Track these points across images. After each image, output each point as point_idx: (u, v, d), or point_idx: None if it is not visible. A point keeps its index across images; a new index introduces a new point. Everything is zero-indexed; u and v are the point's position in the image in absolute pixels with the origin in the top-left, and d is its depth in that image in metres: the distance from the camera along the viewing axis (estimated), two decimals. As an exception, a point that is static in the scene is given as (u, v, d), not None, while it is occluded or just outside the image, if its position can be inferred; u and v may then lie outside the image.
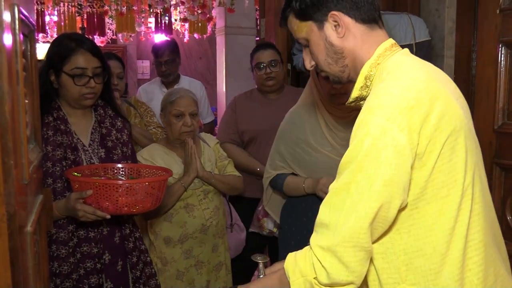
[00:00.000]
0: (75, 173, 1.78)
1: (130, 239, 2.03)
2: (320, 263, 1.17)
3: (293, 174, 2.26)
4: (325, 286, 1.19)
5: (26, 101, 1.23)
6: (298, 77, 3.54)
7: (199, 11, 6.09)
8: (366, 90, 1.30)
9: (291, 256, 1.28)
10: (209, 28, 6.60)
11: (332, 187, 1.22)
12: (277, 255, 2.46)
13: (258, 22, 4.86)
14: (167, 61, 3.63)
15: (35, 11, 5.37)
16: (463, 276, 1.20)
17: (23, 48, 1.23)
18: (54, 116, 1.91)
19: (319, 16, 1.29)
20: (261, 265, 1.57)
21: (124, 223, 2.02)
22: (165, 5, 6.01)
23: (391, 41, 1.31)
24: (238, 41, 5.86)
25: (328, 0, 1.27)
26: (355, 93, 1.32)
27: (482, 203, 1.24)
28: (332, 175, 2.13)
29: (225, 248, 2.58)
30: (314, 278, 1.20)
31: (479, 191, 1.23)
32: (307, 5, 1.29)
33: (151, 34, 7.57)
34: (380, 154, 1.12)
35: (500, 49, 2.35)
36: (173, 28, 6.98)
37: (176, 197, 2.38)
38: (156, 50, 3.71)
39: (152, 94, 3.74)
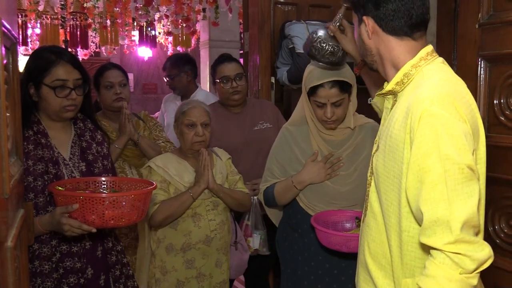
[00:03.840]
0: (59, 187, 1.75)
1: (113, 252, 2.01)
2: (459, 254, 1.22)
3: None
4: (473, 272, 1.23)
5: (8, 114, 1.22)
6: (281, 90, 3.56)
7: (183, 25, 6.11)
8: (401, 86, 1.43)
9: (423, 281, 1.27)
10: (193, 42, 6.62)
11: (420, 181, 1.27)
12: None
13: (242, 35, 4.88)
14: (169, 75, 3.86)
15: (18, 23, 5.33)
16: None
17: (5, 61, 1.22)
18: (34, 130, 1.88)
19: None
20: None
21: (106, 236, 1.99)
22: (149, 19, 6.02)
23: (429, 48, 1.45)
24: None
25: (367, 8, 1.43)
26: (389, 86, 1.45)
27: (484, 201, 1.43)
28: (320, 196, 2.16)
29: (228, 267, 2.54)
30: (460, 273, 1.23)
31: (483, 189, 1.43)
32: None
33: (134, 47, 7.56)
34: (458, 141, 1.24)
35: (479, 62, 2.39)
36: (157, 41, 7.00)
37: (185, 207, 2.35)
38: (164, 63, 3.99)
39: (168, 106, 3.92)
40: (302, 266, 2.22)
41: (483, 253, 1.22)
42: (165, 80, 3.94)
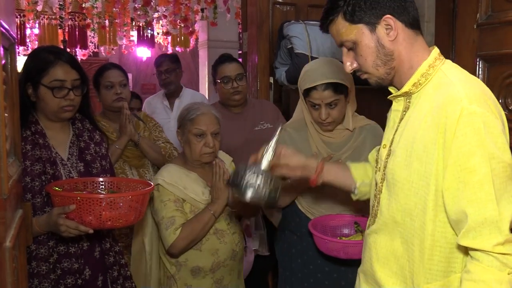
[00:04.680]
0: (56, 188, 1.75)
1: (110, 253, 2.00)
2: (507, 255, 1.19)
3: None
4: None
5: (6, 114, 1.22)
6: (280, 90, 3.56)
7: (182, 25, 6.10)
8: (417, 87, 1.37)
9: (469, 285, 1.23)
10: (191, 42, 6.62)
11: (462, 182, 1.23)
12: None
13: (241, 35, 4.89)
14: (167, 69, 3.90)
15: (16, 23, 5.32)
16: None
17: (3, 61, 1.22)
18: (32, 130, 1.88)
19: (372, 19, 1.33)
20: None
21: (104, 237, 1.99)
22: (148, 19, 6.01)
23: (437, 49, 1.40)
24: (220, 54, 5.88)
25: (382, 4, 1.33)
26: (406, 88, 1.38)
27: None
28: (320, 199, 2.15)
29: (242, 273, 2.45)
30: (508, 274, 1.20)
31: None
32: (360, 8, 1.33)
33: (133, 47, 7.55)
34: (498, 138, 1.23)
35: (477, 63, 2.39)
36: (156, 41, 6.99)
37: (208, 229, 2.15)
38: (157, 60, 3.99)
39: (154, 107, 3.90)
40: (301, 269, 2.21)
41: None
42: (161, 75, 3.94)
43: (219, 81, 2.91)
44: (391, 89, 1.47)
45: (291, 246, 2.26)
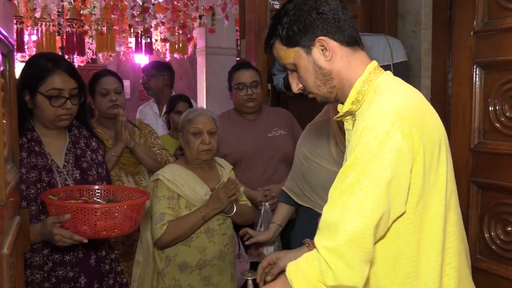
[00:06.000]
0: (51, 196, 1.73)
1: (106, 261, 1.99)
2: (327, 264, 1.17)
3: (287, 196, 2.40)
4: None
5: (4, 121, 1.22)
6: (278, 97, 3.56)
7: (180, 32, 6.11)
8: (357, 105, 1.36)
9: (292, 263, 1.26)
10: (189, 48, 6.62)
11: (335, 188, 1.24)
12: None
13: (239, 42, 4.90)
14: (147, 74, 3.99)
15: (14, 30, 5.33)
16: (442, 281, 1.28)
17: (2, 68, 1.22)
18: (28, 137, 1.86)
19: (306, 42, 1.34)
20: (250, 281, 1.58)
21: (100, 245, 1.98)
22: (146, 25, 6.01)
23: (375, 62, 1.39)
24: (218, 61, 5.89)
25: (315, 26, 1.33)
26: (345, 107, 1.37)
27: (456, 213, 1.34)
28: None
29: (235, 279, 2.48)
30: (318, 280, 1.18)
31: (454, 202, 1.34)
32: (294, 32, 1.34)
33: (131, 54, 7.55)
34: (384, 156, 1.18)
35: (474, 70, 2.40)
36: (154, 48, 7.00)
37: (195, 229, 2.26)
38: (143, 67, 4.13)
39: (145, 114, 3.96)
40: None
41: (351, 281, 1.15)
42: (142, 79, 4.05)
43: (234, 87, 2.91)
44: (338, 108, 1.45)
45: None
